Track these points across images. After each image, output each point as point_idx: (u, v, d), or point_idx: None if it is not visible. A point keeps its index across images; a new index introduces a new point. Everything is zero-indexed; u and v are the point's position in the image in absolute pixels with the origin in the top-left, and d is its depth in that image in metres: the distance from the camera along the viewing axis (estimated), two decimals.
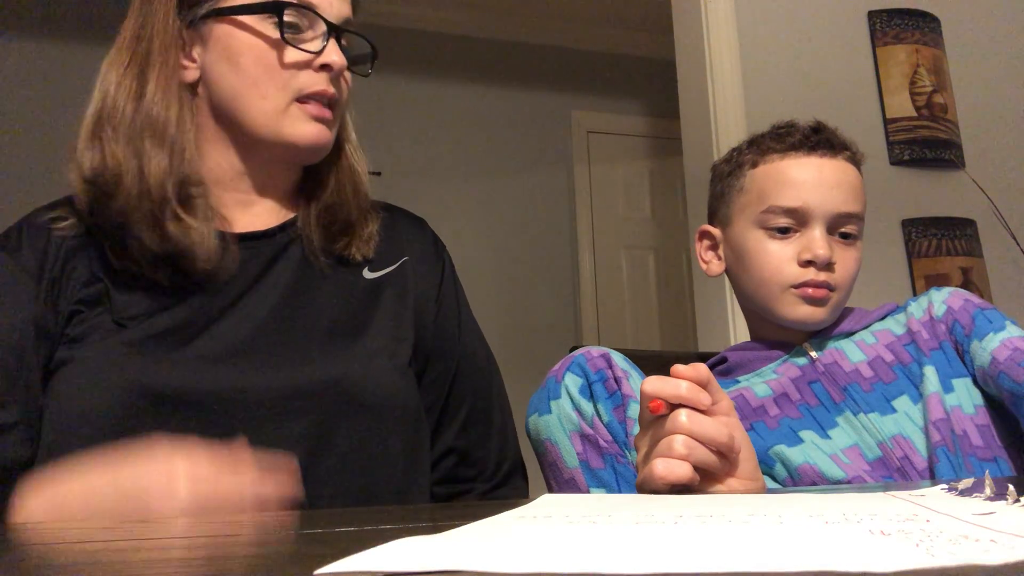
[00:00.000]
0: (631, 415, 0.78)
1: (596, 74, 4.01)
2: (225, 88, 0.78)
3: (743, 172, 0.94)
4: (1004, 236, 2.24)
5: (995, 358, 0.80)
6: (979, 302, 0.88)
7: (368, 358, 0.78)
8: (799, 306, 0.88)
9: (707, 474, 0.61)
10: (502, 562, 0.28)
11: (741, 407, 0.89)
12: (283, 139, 0.79)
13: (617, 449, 0.77)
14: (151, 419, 0.69)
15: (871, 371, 0.88)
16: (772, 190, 0.90)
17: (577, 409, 0.78)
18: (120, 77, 0.77)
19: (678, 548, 0.31)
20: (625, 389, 0.79)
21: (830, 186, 0.88)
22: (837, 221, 0.88)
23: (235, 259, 0.78)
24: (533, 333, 3.53)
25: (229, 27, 0.78)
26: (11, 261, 0.76)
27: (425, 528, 0.44)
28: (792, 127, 0.93)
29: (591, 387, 0.79)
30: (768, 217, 0.89)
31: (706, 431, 0.59)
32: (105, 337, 0.72)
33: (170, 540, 0.44)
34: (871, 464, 0.82)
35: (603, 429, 0.78)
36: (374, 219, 0.87)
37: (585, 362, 0.80)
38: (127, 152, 0.75)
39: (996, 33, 2.56)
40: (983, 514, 0.37)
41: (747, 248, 0.91)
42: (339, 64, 0.79)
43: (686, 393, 0.60)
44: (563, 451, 0.79)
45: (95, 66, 0.79)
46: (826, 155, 0.90)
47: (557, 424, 0.79)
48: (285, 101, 0.78)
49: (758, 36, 2.29)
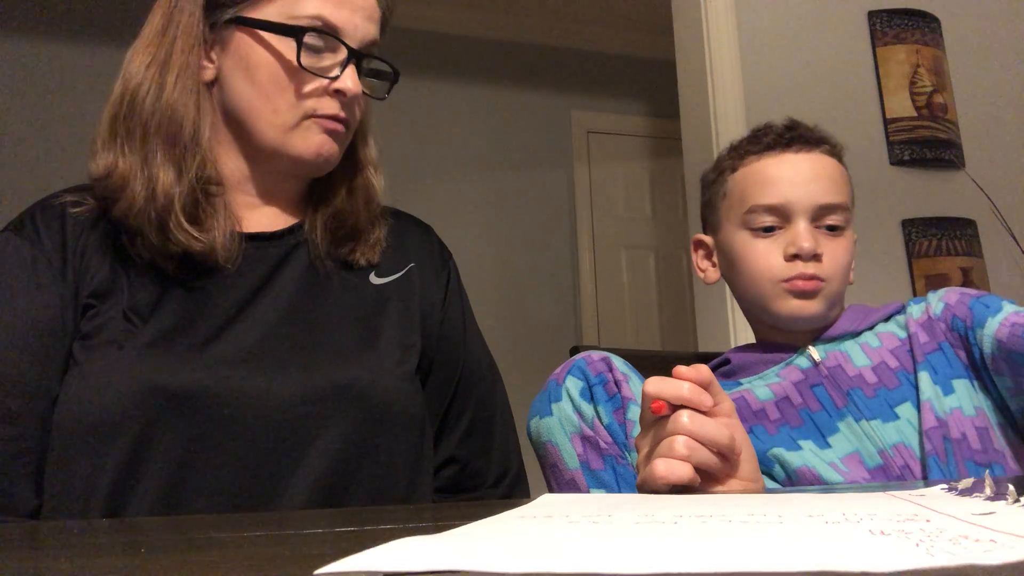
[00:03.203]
0: (631, 417, 0.78)
1: (596, 74, 4.01)
2: (238, 96, 0.78)
3: (725, 178, 0.96)
4: (1004, 236, 2.24)
5: (998, 339, 0.80)
6: (974, 293, 0.88)
7: (377, 365, 0.78)
8: (790, 300, 0.88)
9: (707, 475, 0.61)
10: (502, 562, 0.28)
11: (741, 409, 0.88)
12: (289, 152, 0.78)
13: (617, 451, 0.78)
14: (163, 424, 0.68)
15: (875, 377, 0.87)
16: (752, 191, 0.91)
17: (578, 411, 0.79)
18: (143, 72, 0.77)
19: (678, 548, 0.31)
20: (625, 392, 0.79)
21: (809, 180, 0.89)
22: (820, 213, 0.89)
23: (244, 255, 0.78)
24: (533, 333, 3.53)
25: (249, 39, 0.77)
26: (31, 250, 0.75)
27: (426, 528, 0.44)
28: (768, 128, 0.95)
29: (592, 390, 0.79)
30: (752, 217, 0.90)
31: (708, 432, 0.59)
32: (115, 338, 0.72)
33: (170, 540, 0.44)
34: (871, 472, 0.82)
35: (603, 431, 0.78)
36: (381, 225, 0.87)
37: (586, 365, 0.81)
38: (138, 158, 0.75)
39: (996, 33, 2.56)
40: (983, 514, 0.37)
41: (736, 250, 0.93)
42: (353, 91, 0.78)
43: (688, 394, 0.60)
44: (564, 453, 0.79)
45: (94, 65, 0.79)
46: (802, 150, 0.91)
47: (558, 426, 0.79)
48: (295, 119, 0.78)
49: (758, 36, 2.29)
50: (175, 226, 0.74)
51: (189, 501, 0.69)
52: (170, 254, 0.75)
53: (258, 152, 0.80)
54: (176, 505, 0.68)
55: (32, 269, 0.74)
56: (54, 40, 3.12)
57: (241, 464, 0.70)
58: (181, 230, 0.74)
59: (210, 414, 0.69)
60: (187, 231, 0.74)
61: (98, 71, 0.80)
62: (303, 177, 0.85)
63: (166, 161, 0.75)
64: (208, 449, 0.69)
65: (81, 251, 0.76)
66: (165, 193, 0.73)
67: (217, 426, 0.69)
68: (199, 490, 0.69)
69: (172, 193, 0.74)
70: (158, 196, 0.73)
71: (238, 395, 0.70)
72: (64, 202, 0.78)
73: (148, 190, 0.73)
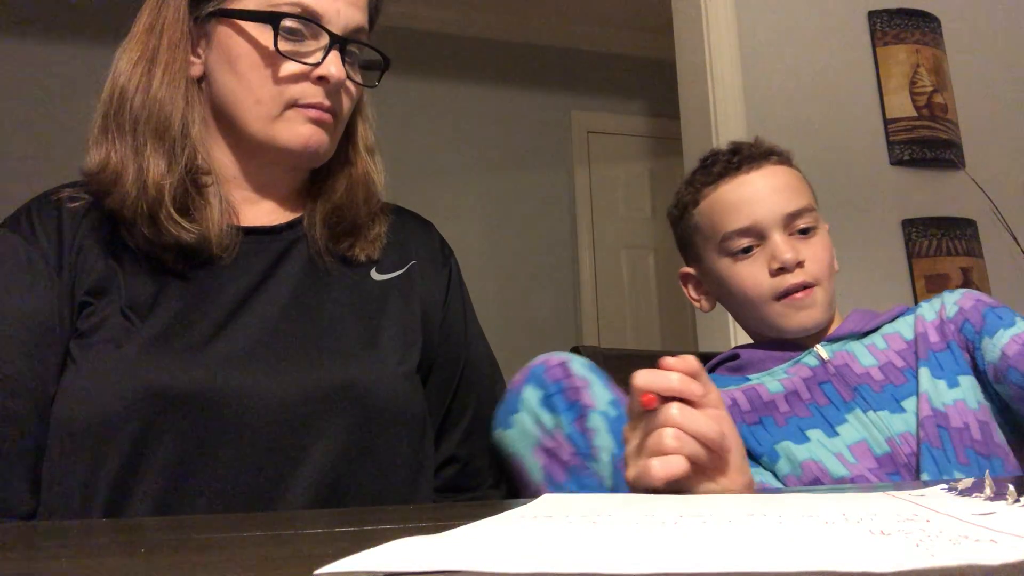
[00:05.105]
0: (591, 426, 0.75)
1: (596, 74, 4.01)
2: (224, 89, 0.78)
3: (690, 212, 0.99)
4: (1004, 236, 2.24)
5: (1005, 353, 0.81)
6: (990, 301, 0.89)
7: (378, 364, 0.77)
8: (791, 315, 0.90)
9: (696, 467, 0.61)
10: (502, 562, 0.28)
11: (752, 400, 0.90)
12: (277, 143, 0.78)
13: (580, 461, 0.75)
14: (162, 425, 0.68)
15: (882, 375, 0.89)
16: (720, 219, 0.94)
17: (538, 422, 0.76)
18: (131, 69, 0.77)
19: (678, 548, 0.31)
20: (585, 399, 0.76)
21: (768, 193, 0.92)
22: (789, 221, 0.91)
23: (243, 250, 0.78)
24: (533, 333, 3.52)
25: (230, 30, 0.77)
26: (26, 246, 0.75)
27: (425, 528, 0.44)
28: (714, 155, 0.98)
29: (550, 399, 0.77)
30: (727, 244, 0.93)
31: (697, 426, 0.59)
32: (114, 337, 0.71)
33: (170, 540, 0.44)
34: (879, 460, 0.83)
35: (565, 442, 0.75)
36: (382, 221, 0.87)
37: (543, 372, 0.78)
38: (129, 151, 0.75)
39: (996, 33, 2.56)
40: (983, 514, 0.37)
41: (722, 277, 0.95)
42: (336, 77, 0.77)
43: (678, 385, 0.60)
44: (527, 465, 0.77)
45: (92, 65, 0.79)
46: (752, 168, 0.94)
47: (519, 439, 0.77)
48: (278, 108, 0.77)
49: (758, 36, 2.28)
50: (165, 218, 0.73)
51: (188, 502, 0.68)
52: (165, 245, 0.75)
53: (248, 145, 0.80)
54: (175, 506, 0.68)
55: (28, 266, 0.74)
56: (52, 40, 3.12)
57: (241, 465, 0.69)
58: (172, 222, 0.73)
59: (210, 415, 0.69)
60: (177, 223, 0.73)
61: (93, 70, 0.80)
62: (297, 169, 0.84)
63: (156, 153, 0.74)
64: (208, 450, 0.69)
65: (78, 246, 0.75)
66: (156, 184, 0.73)
67: (217, 427, 0.69)
68: (198, 491, 0.68)
69: (163, 185, 0.73)
70: (149, 188, 0.73)
71: (238, 396, 0.70)
72: (60, 197, 0.78)
73: (140, 183, 0.73)
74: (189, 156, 0.76)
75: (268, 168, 0.82)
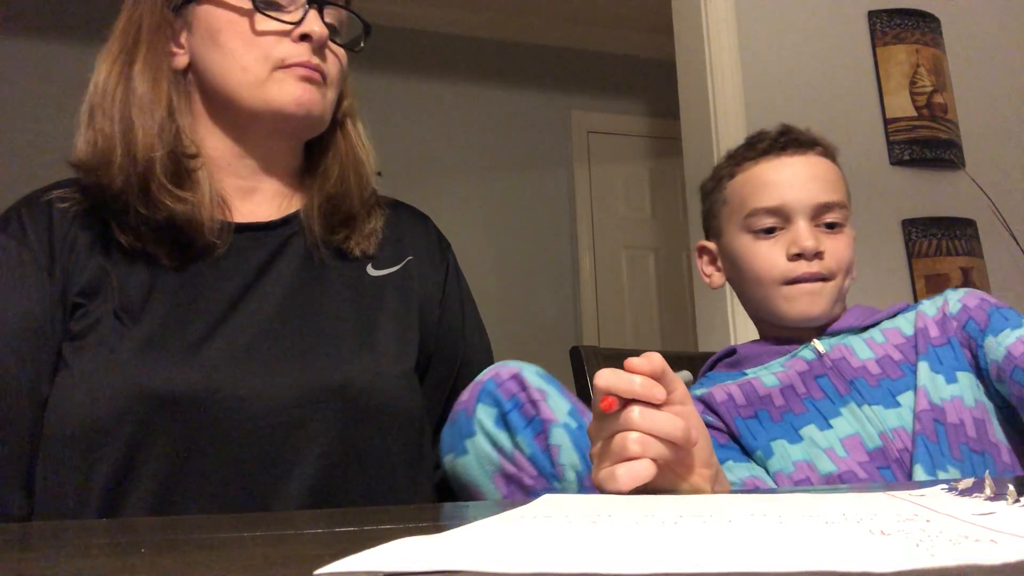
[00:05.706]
0: (554, 442, 0.69)
1: (596, 74, 4.01)
2: (211, 67, 0.79)
3: (724, 185, 0.98)
4: (1004, 236, 2.24)
5: (1010, 353, 0.81)
6: (995, 301, 0.90)
7: (375, 363, 0.77)
8: (797, 301, 0.90)
9: (663, 466, 0.59)
10: (502, 562, 0.28)
11: (748, 394, 0.90)
12: (270, 107, 0.78)
13: (544, 482, 0.70)
14: (156, 428, 0.68)
15: (878, 368, 0.89)
16: (751, 195, 0.93)
17: (495, 445, 0.70)
18: (110, 66, 0.78)
19: (678, 548, 0.31)
20: (544, 413, 0.70)
21: (805, 180, 0.92)
22: (818, 212, 0.91)
23: (237, 246, 0.78)
24: (533, 333, 3.52)
25: (208, 6, 0.79)
26: (17, 247, 0.74)
27: (425, 528, 0.44)
28: (762, 134, 0.97)
29: (506, 417, 0.70)
30: (752, 221, 0.93)
31: (660, 427, 0.57)
32: (106, 339, 0.71)
33: (169, 540, 0.44)
34: (870, 454, 0.83)
35: (527, 464, 0.70)
36: (378, 216, 0.87)
37: (495, 388, 0.71)
38: (117, 131, 0.75)
39: (996, 33, 2.56)
40: (983, 514, 0.37)
41: (739, 253, 0.95)
42: (319, 34, 0.78)
43: (639, 389, 0.58)
44: (486, 494, 0.71)
45: (92, 65, 0.79)
46: (796, 153, 0.94)
47: (476, 466, 0.71)
48: (266, 72, 0.78)
49: (758, 36, 2.28)
50: (158, 188, 0.73)
51: (183, 505, 0.68)
52: (158, 226, 0.74)
53: (244, 122, 0.80)
54: (169, 510, 0.68)
55: (19, 267, 0.73)
56: (48, 40, 3.12)
57: (236, 467, 0.69)
58: (164, 191, 0.73)
59: (204, 418, 0.68)
60: (170, 191, 0.74)
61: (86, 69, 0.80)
62: (295, 139, 0.84)
63: (143, 130, 0.75)
64: (202, 453, 0.68)
65: (69, 246, 0.75)
66: (145, 157, 0.74)
67: (211, 430, 0.68)
68: (193, 494, 0.68)
69: (152, 157, 0.74)
70: (139, 160, 0.73)
71: (232, 398, 0.70)
72: (51, 197, 0.77)
73: (130, 156, 0.73)
74: (176, 138, 0.76)
75: (266, 144, 0.82)
